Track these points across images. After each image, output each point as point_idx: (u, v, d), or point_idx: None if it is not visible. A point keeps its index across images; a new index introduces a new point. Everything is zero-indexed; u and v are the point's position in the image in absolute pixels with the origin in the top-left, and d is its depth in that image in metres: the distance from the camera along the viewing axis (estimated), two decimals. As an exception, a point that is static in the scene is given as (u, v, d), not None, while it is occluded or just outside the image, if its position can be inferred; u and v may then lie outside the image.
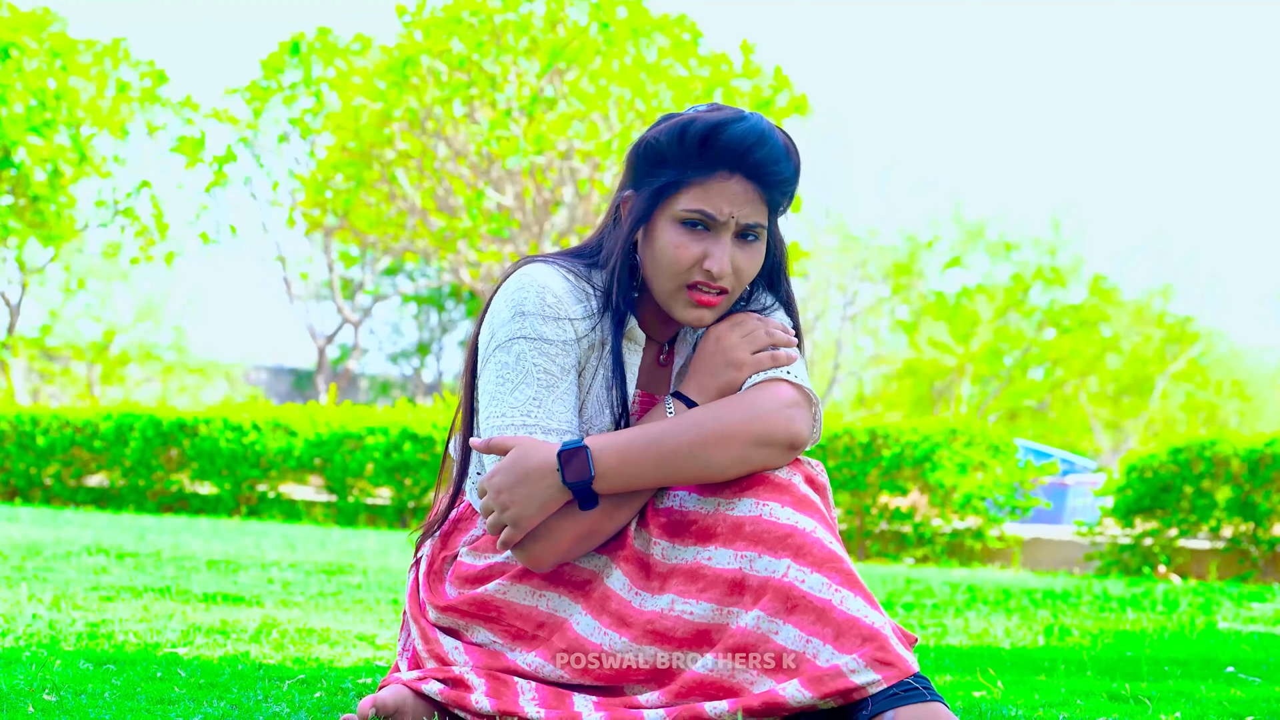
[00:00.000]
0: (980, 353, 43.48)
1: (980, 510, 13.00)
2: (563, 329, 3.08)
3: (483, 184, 22.32)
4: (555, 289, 3.11)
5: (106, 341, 38.34)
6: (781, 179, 3.11)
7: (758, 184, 3.09)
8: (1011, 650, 5.32)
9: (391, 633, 4.91)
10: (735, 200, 3.08)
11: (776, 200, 3.14)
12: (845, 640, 2.81)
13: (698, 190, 3.08)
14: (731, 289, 3.12)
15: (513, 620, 3.08)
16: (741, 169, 3.08)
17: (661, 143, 3.11)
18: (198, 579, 6.79)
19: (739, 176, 3.08)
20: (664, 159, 3.11)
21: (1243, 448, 11.84)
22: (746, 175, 3.08)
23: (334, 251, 36.87)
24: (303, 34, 27.61)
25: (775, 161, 3.09)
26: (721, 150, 3.07)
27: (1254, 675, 4.61)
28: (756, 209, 3.10)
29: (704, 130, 3.07)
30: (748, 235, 3.11)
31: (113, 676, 3.48)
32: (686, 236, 3.09)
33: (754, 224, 3.10)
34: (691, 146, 3.08)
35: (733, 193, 3.08)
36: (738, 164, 3.07)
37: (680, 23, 22.51)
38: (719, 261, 3.07)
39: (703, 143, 3.07)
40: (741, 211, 3.08)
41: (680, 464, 2.97)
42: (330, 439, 15.26)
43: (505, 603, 3.09)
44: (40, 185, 25.76)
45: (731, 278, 3.10)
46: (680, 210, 3.09)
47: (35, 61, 25.41)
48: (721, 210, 3.07)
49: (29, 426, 16.37)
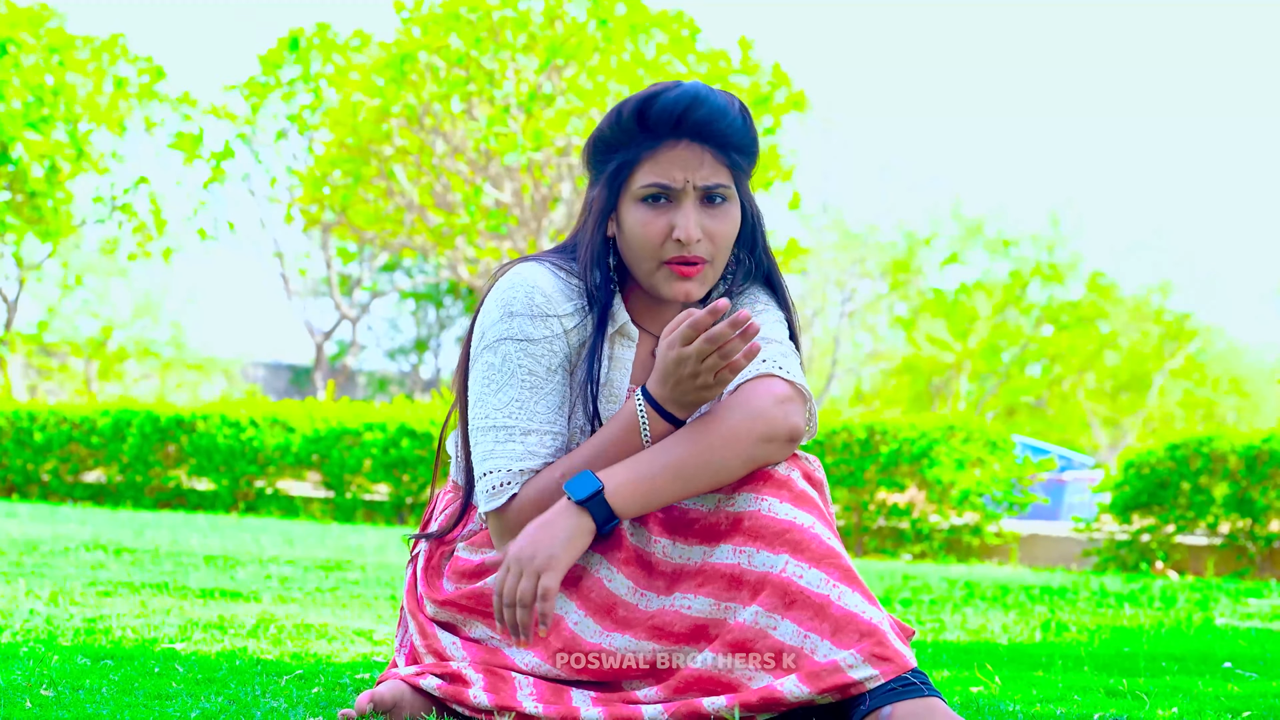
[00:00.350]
0: (978, 349, 43.50)
1: (978, 506, 13.00)
2: (550, 327, 3.08)
3: (481, 180, 22.32)
4: (545, 288, 3.10)
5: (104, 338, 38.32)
6: (729, 135, 3.08)
7: (708, 144, 3.07)
8: (1009, 646, 5.32)
9: (389, 628, 4.91)
10: (687, 165, 3.06)
11: (735, 160, 3.11)
12: (843, 635, 2.81)
13: (649, 164, 3.07)
14: (710, 256, 3.09)
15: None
16: (685, 133, 3.06)
17: (605, 130, 3.11)
18: (195, 575, 6.79)
19: (686, 141, 3.06)
20: (611, 145, 3.11)
21: (1240, 444, 11.84)
22: (692, 138, 3.06)
23: (332, 248, 36.86)
24: (301, 30, 27.60)
25: (716, 119, 3.06)
26: (658, 119, 3.05)
27: (1251, 671, 4.61)
28: (714, 170, 3.08)
29: (637, 105, 3.06)
30: (713, 198, 3.09)
31: (110, 672, 3.47)
32: (651, 213, 3.07)
33: (715, 184, 3.08)
34: (630, 124, 3.07)
35: (683, 158, 3.06)
36: (679, 128, 3.06)
37: (678, 19, 22.52)
38: (685, 228, 3.04)
39: (639, 117, 3.07)
40: (697, 174, 3.06)
41: (696, 479, 2.95)
42: (328, 435, 15.26)
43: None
44: (38, 181, 25.75)
45: (706, 244, 3.08)
46: (638, 189, 3.08)
47: (33, 57, 25.40)
48: (675, 178, 3.06)
49: (26, 423, 16.37)
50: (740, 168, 3.13)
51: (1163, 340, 43.99)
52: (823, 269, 42.51)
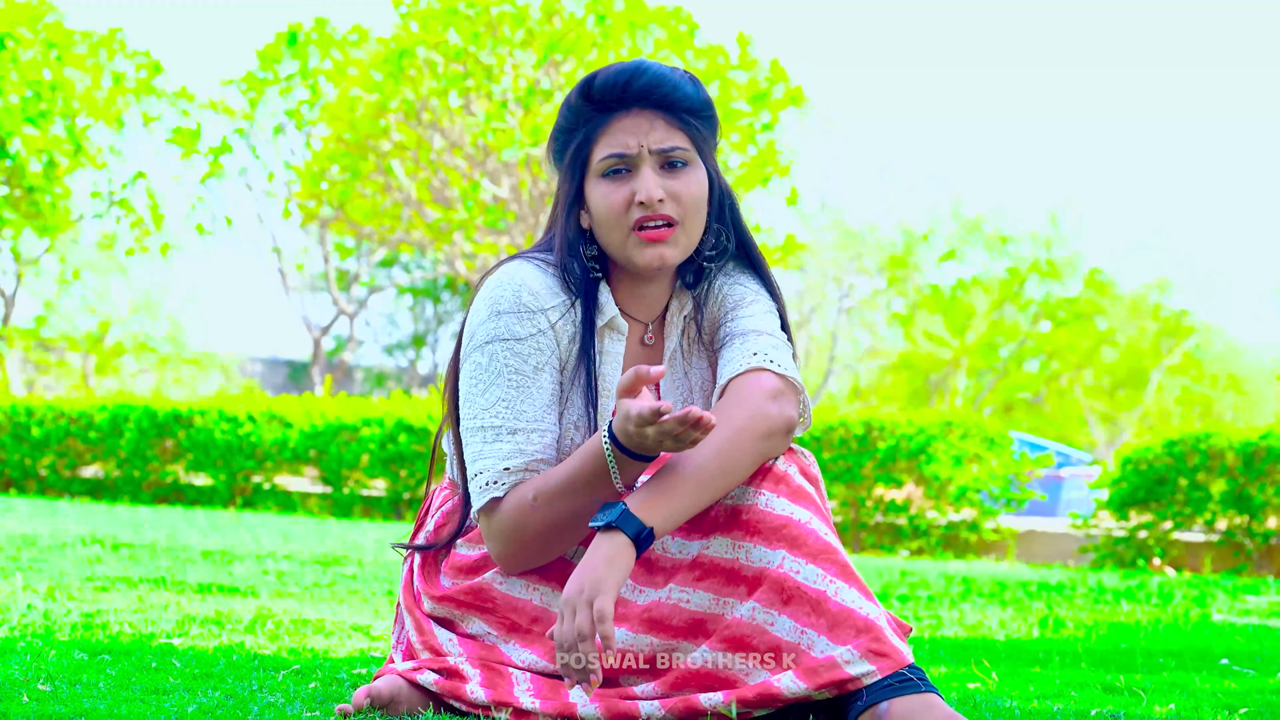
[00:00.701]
0: (976, 345, 43.49)
1: (975, 502, 13.00)
2: (537, 323, 3.08)
3: (479, 175, 22.32)
4: (532, 285, 3.11)
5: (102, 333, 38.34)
6: (677, 99, 3.10)
7: (656, 109, 3.10)
8: (1006, 642, 5.33)
9: (386, 623, 4.91)
10: (638, 130, 3.08)
11: (689, 122, 3.12)
12: (840, 631, 2.81)
13: (604, 139, 3.10)
14: (679, 216, 3.09)
15: (507, 613, 3.08)
16: (632, 102, 3.09)
17: (560, 120, 3.17)
18: (193, 570, 6.79)
19: (635, 109, 3.09)
20: (566, 130, 3.16)
21: (1238, 441, 11.85)
22: (641, 105, 3.09)
23: (329, 243, 36.85)
24: (300, 25, 27.60)
25: (660, 84, 3.09)
26: (602, 93, 3.09)
27: (1248, 667, 4.62)
28: (667, 133, 3.09)
29: (581, 87, 3.12)
30: (673, 163, 3.10)
31: (107, 667, 3.47)
32: (613, 185, 3.09)
33: (671, 147, 3.09)
34: (578, 105, 3.12)
35: (634, 124, 3.09)
36: (624, 98, 3.09)
37: (676, 14, 22.50)
38: (644, 189, 3.06)
39: (585, 96, 3.11)
40: (650, 138, 3.08)
41: (714, 484, 2.92)
42: (325, 430, 15.26)
43: (501, 594, 3.09)
44: (35, 176, 25.74)
45: (672, 205, 3.08)
46: (597, 164, 3.11)
47: (31, 52, 25.38)
48: (629, 144, 3.08)
49: (24, 417, 16.36)
50: (697, 131, 3.13)
51: (1160, 337, 43.98)
52: (821, 266, 42.50)
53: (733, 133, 22.50)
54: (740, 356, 3.07)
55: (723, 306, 3.21)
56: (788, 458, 3.02)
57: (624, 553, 2.82)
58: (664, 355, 3.24)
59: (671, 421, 2.77)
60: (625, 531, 2.82)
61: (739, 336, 3.12)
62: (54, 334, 37.22)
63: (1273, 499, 11.61)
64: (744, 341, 3.10)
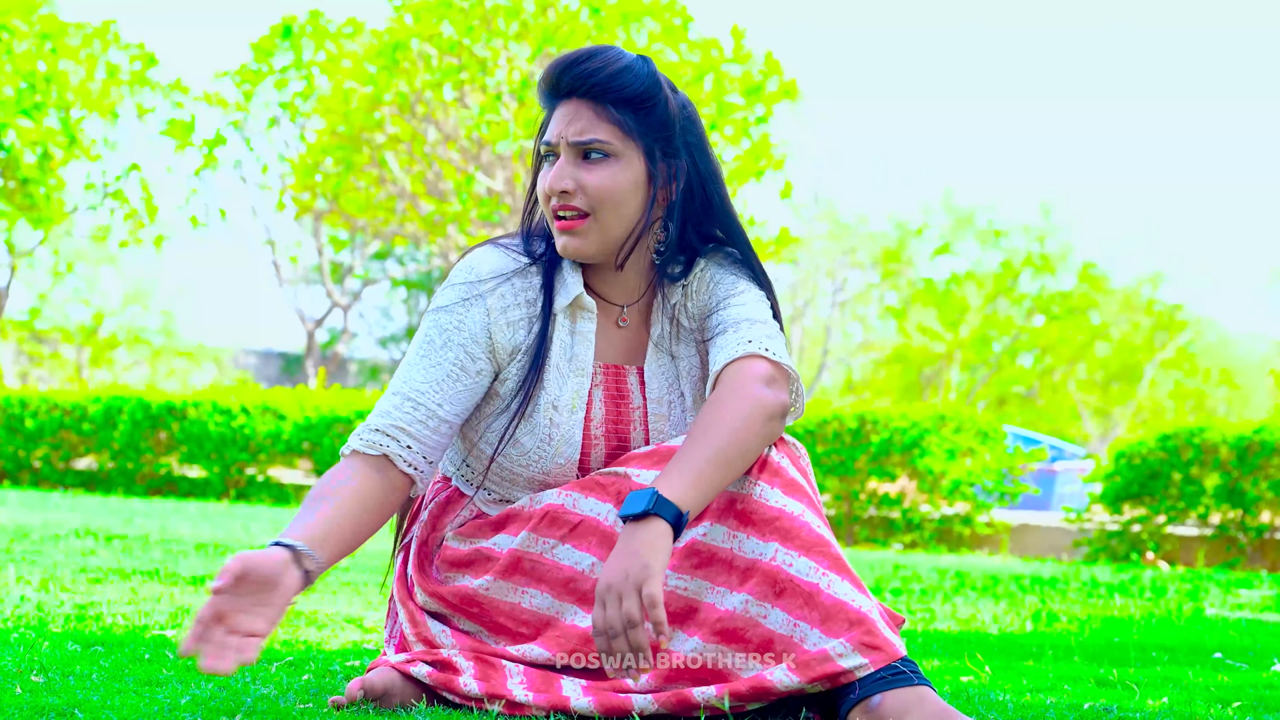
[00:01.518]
0: (969, 339, 43.52)
1: (969, 496, 13.01)
2: (463, 293, 3.13)
3: (473, 168, 22.30)
4: (480, 266, 3.16)
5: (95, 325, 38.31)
6: (606, 85, 3.09)
7: (586, 98, 3.10)
8: (999, 636, 5.33)
9: (379, 615, 4.91)
10: (564, 120, 3.11)
11: (621, 114, 3.10)
12: (833, 624, 2.80)
13: (549, 125, 3.16)
14: (588, 208, 3.09)
15: (495, 617, 3.09)
16: (568, 90, 3.11)
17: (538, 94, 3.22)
18: (186, 562, 6.79)
19: (570, 99, 3.11)
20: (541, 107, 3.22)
21: (1231, 435, 11.86)
22: (577, 94, 3.11)
23: (323, 235, 36.82)
24: (294, 17, 27.57)
25: (594, 71, 3.09)
26: (547, 80, 3.13)
27: (1241, 661, 4.62)
28: (589, 124, 3.09)
29: (547, 67, 3.15)
30: (588, 154, 3.10)
31: (101, 658, 3.47)
32: (544, 171, 3.15)
33: (589, 140, 3.08)
34: (541, 86, 3.16)
35: (564, 113, 3.12)
36: (560, 87, 3.12)
37: (670, 7, 22.49)
38: (548, 178, 3.10)
39: (545, 78, 3.15)
40: (571, 129, 3.09)
41: (734, 463, 2.90)
42: (319, 423, 15.26)
43: (488, 599, 3.09)
44: (30, 168, 25.70)
45: (582, 196, 3.09)
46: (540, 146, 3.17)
47: (25, 44, 25.35)
48: (554, 134, 3.11)
49: (17, 409, 16.36)
50: (628, 121, 3.10)
51: (1153, 331, 44.03)
52: (814, 259, 42.51)
53: (727, 126, 22.50)
54: (734, 344, 3.06)
55: (714, 295, 3.20)
56: (780, 449, 3.02)
57: (665, 538, 2.78)
58: (648, 342, 3.24)
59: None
60: (664, 517, 2.79)
61: (732, 325, 3.12)
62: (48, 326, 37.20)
63: (1266, 493, 11.63)
64: (737, 330, 3.10)
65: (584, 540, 3.04)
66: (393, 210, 23.64)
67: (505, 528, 3.14)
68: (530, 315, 3.14)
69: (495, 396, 3.17)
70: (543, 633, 3.03)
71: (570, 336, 3.17)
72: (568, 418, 3.14)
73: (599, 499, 3.05)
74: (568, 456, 3.14)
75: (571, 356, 3.16)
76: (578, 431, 3.14)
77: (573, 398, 3.15)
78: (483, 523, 3.18)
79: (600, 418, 3.17)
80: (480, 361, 3.12)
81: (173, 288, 42.44)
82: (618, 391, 3.19)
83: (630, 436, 3.19)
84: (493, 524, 3.16)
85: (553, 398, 3.14)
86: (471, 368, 3.12)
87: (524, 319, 3.14)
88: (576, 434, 3.14)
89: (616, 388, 3.20)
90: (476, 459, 3.21)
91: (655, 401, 3.20)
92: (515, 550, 3.08)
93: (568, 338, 3.17)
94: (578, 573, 3.03)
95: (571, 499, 3.08)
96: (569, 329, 3.17)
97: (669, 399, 3.21)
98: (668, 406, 3.21)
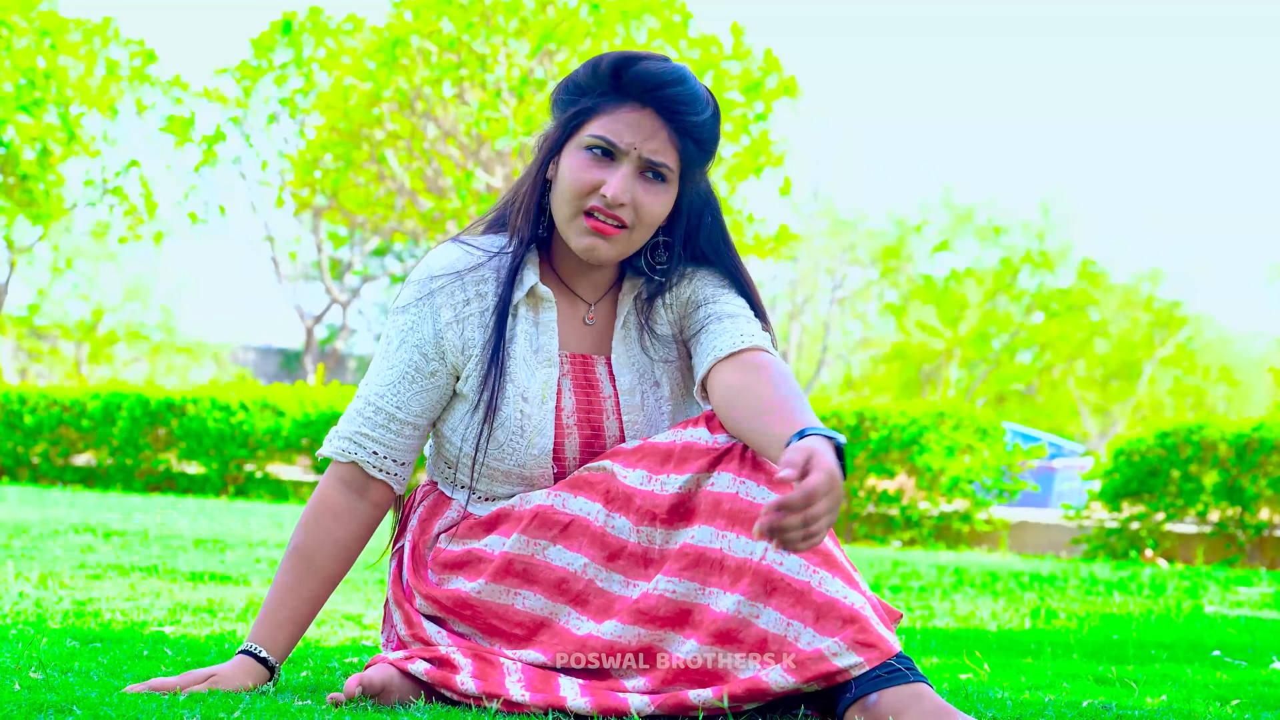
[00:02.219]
0: (968, 336, 43.52)
1: (968, 493, 13.01)
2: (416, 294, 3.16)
3: (472, 165, 22.30)
4: (434, 263, 3.18)
5: (94, 321, 38.31)
6: (693, 122, 3.08)
7: (668, 122, 3.07)
8: (998, 633, 5.33)
9: (378, 612, 4.91)
10: (641, 132, 3.06)
11: (690, 149, 3.10)
12: (826, 623, 2.79)
13: (607, 118, 3.08)
14: (631, 224, 3.09)
15: (489, 619, 3.08)
16: (652, 103, 3.06)
17: (579, 75, 3.13)
18: (184, 558, 6.79)
19: (650, 111, 3.07)
20: (580, 89, 3.13)
21: (1230, 432, 11.86)
22: (657, 110, 3.06)
23: (323, 232, 36.84)
24: (294, 13, 27.56)
25: (688, 102, 3.06)
26: (633, 80, 3.06)
27: (1240, 659, 4.62)
28: (664, 147, 3.07)
29: (618, 60, 3.08)
30: (653, 173, 3.09)
31: (99, 655, 3.47)
32: (590, 161, 3.08)
33: (659, 162, 3.07)
34: (605, 75, 3.09)
35: (640, 124, 3.07)
36: (648, 97, 3.06)
37: (670, 4, 22.49)
38: (614, 186, 3.05)
39: (615, 72, 3.08)
40: (647, 145, 3.06)
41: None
42: (318, 419, 15.26)
43: (481, 602, 3.09)
44: (29, 164, 25.70)
45: (630, 211, 3.07)
46: (587, 136, 3.09)
47: (25, 40, 25.34)
48: (623, 138, 3.06)
49: (17, 405, 16.35)
50: (691, 158, 3.11)
51: (1153, 328, 44.04)
52: (813, 256, 42.53)
53: (726, 123, 22.49)
54: (731, 335, 3.08)
55: (700, 291, 3.21)
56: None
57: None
58: (612, 335, 3.25)
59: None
60: (836, 442, 2.76)
61: (728, 318, 3.13)
62: (47, 322, 37.20)
63: (1265, 491, 11.63)
64: (734, 323, 3.11)
65: (575, 540, 3.04)
66: (392, 206, 23.64)
67: (497, 528, 3.14)
68: (484, 309, 3.15)
69: (462, 396, 3.18)
70: (537, 635, 3.03)
71: (534, 328, 3.18)
72: (538, 409, 3.14)
73: (588, 498, 3.05)
74: (541, 447, 3.14)
75: (537, 348, 3.17)
76: (550, 422, 3.14)
77: (542, 388, 3.15)
78: (474, 523, 3.18)
79: (571, 407, 3.17)
80: (434, 363, 3.16)
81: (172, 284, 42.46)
82: (586, 381, 3.20)
83: (604, 426, 3.19)
84: (484, 524, 3.16)
85: (520, 389, 3.14)
86: (425, 368, 3.16)
87: (476, 314, 3.15)
88: (549, 424, 3.14)
89: (585, 377, 3.20)
90: (461, 460, 3.21)
91: (627, 393, 3.20)
92: (507, 553, 3.08)
93: (532, 329, 3.18)
94: (570, 573, 3.03)
95: (561, 499, 3.08)
96: (532, 320, 3.18)
97: (641, 389, 3.21)
98: (640, 397, 3.21)
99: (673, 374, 3.24)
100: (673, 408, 3.23)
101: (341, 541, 3.19)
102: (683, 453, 3.00)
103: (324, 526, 3.18)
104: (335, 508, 3.18)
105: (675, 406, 3.24)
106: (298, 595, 3.15)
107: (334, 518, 3.18)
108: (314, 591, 3.17)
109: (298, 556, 3.17)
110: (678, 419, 3.23)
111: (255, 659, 3.09)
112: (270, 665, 3.10)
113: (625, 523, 3.01)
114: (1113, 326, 43.90)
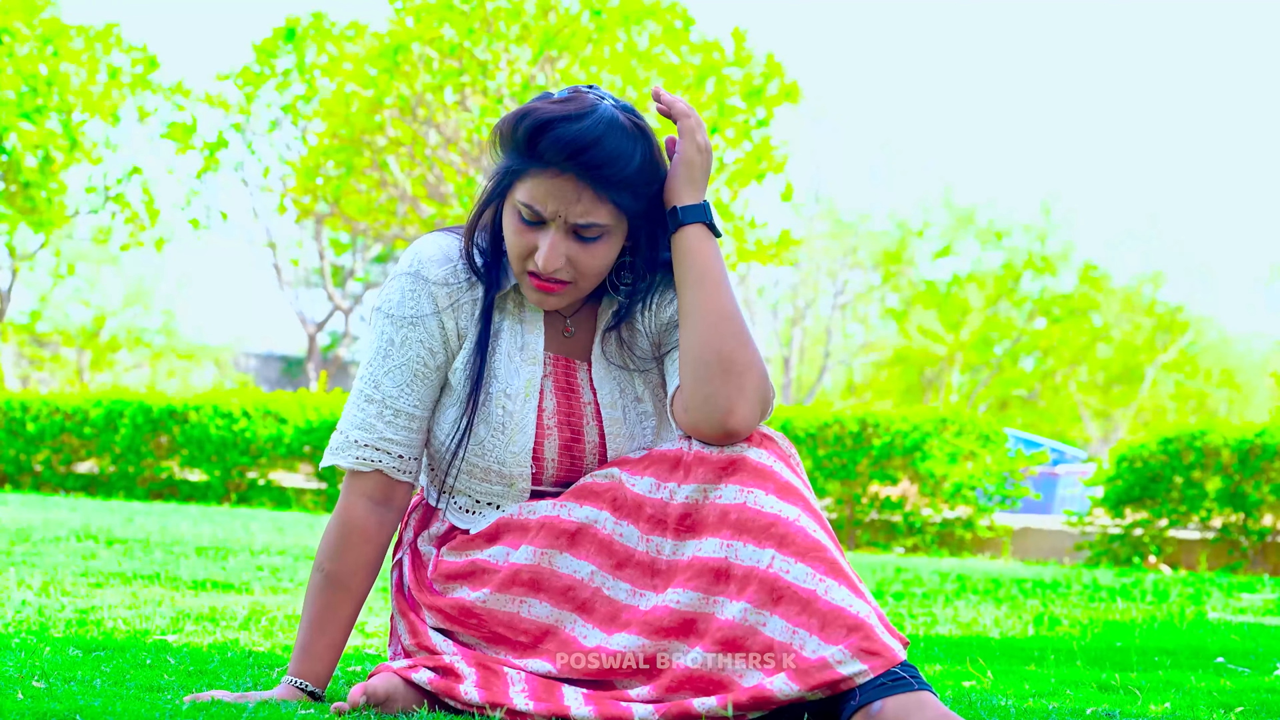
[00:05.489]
0: (971, 341, 43.53)
1: (970, 500, 13.01)
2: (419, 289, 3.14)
3: (474, 171, 22.30)
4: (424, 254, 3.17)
5: (96, 327, 38.31)
6: (619, 179, 3.03)
7: (591, 184, 3.02)
8: (1001, 640, 5.33)
9: (381, 620, 4.91)
10: (564, 199, 3.02)
11: (623, 199, 3.05)
12: (831, 631, 2.80)
13: (531, 183, 3.04)
14: (571, 279, 3.08)
15: (494, 627, 3.09)
16: (572, 169, 3.00)
17: (504, 129, 3.08)
18: (187, 565, 6.79)
19: (571, 176, 3.01)
20: (506, 145, 3.09)
21: (1233, 438, 11.85)
22: (578, 175, 3.01)
23: (325, 238, 36.84)
24: (297, 19, 27.57)
25: (608, 162, 3.00)
26: (548, 148, 3.00)
27: (1243, 666, 4.62)
28: (591, 208, 3.02)
29: (533, 126, 3.01)
30: (584, 236, 3.05)
31: (102, 663, 3.47)
32: (522, 226, 3.07)
33: (588, 224, 3.03)
34: (522, 140, 3.04)
35: (562, 191, 3.02)
36: (567, 165, 3.00)
37: (672, 10, 22.50)
38: (543, 256, 3.03)
39: (530, 139, 3.02)
40: (572, 210, 3.02)
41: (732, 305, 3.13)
42: (320, 426, 15.26)
43: (486, 611, 3.09)
44: (31, 171, 25.69)
45: (568, 270, 3.06)
46: (516, 200, 3.06)
47: (27, 47, 25.34)
48: (547, 207, 3.03)
49: (19, 413, 16.35)
50: (626, 205, 3.07)
51: (1155, 332, 44.04)
52: (814, 259, 42.56)
53: (728, 129, 22.50)
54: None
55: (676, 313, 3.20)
56: (771, 451, 3.01)
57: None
58: (592, 344, 3.24)
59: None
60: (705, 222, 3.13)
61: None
62: (49, 329, 37.21)
63: (1268, 496, 11.62)
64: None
65: (581, 549, 3.05)
66: (394, 213, 23.65)
67: (500, 539, 3.14)
68: (474, 298, 3.16)
69: (450, 387, 3.18)
70: (542, 642, 3.03)
71: (520, 325, 3.18)
72: (520, 405, 3.15)
73: (594, 506, 3.06)
74: (521, 445, 3.14)
75: (523, 345, 3.18)
76: (531, 420, 3.15)
77: (525, 386, 3.16)
78: (473, 537, 3.18)
79: (552, 408, 3.18)
80: (439, 355, 3.16)
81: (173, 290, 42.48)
82: (568, 385, 3.20)
83: (584, 431, 3.20)
84: (485, 535, 3.16)
85: (504, 386, 3.15)
86: (432, 362, 3.16)
87: (469, 302, 3.16)
88: (530, 422, 3.15)
89: (567, 380, 3.21)
90: (442, 455, 3.21)
91: (608, 405, 3.21)
92: (515, 564, 3.08)
93: (518, 325, 3.18)
94: (577, 581, 3.04)
95: (566, 508, 3.09)
96: (518, 316, 3.19)
97: (623, 404, 3.22)
98: (622, 411, 3.21)
99: (655, 389, 3.25)
100: (656, 422, 3.24)
101: (373, 562, 3.18)
102: (691, 462, 3.01)
103: (355, 550, 3.16)
104: (365, 529, 3.16)
105: (660, 420, 3.24)
106: (335, 623, 3.14)
107: (364, 539, 3.16)
108: (349, 614, 3.17)
109: (331, 584, 3.15)
110: (661, 432, 3.24)
111: (304, 693, 3.11)
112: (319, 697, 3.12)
113: (633, 530, 3.01)
114: (1115, 331, 43.91)
